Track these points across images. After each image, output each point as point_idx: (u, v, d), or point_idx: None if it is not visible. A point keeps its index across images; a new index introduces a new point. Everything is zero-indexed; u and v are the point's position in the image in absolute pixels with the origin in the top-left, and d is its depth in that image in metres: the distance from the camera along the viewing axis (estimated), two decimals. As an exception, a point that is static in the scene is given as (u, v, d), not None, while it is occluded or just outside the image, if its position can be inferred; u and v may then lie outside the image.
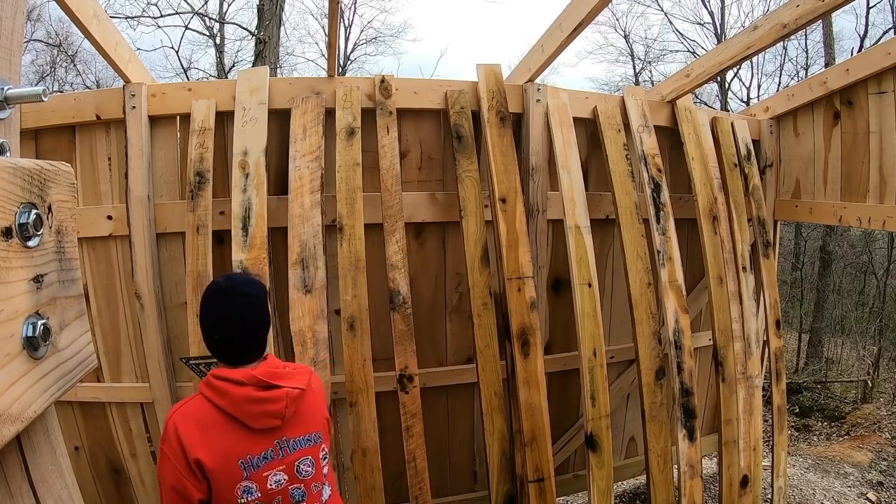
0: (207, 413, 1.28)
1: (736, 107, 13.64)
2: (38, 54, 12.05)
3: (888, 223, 2.56)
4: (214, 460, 1.25)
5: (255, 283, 1.43)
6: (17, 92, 0.60)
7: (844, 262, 11.77)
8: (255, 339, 1.37)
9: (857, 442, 5.80)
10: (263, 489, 1.29)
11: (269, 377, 1.31)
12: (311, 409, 1.40)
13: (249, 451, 1.28)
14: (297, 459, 1.34)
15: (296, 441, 1.35)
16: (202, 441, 1.25)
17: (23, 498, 0.54)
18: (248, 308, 1.35)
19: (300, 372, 1.40)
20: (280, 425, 1.31)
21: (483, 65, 2.54)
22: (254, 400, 1.28)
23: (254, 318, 1.36)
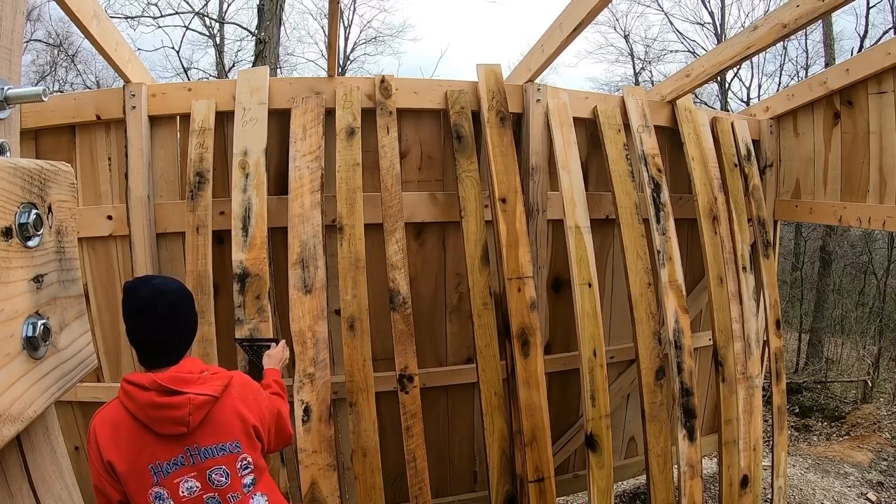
0: (121, 417, 1.27)
1: (736, 107, 13.64)
2: (38, 54, 12.05)
3: (888, 223, 2.56)
4: (124, 463, 1.24)
5: (168, 286, 1.35)
6: (17, 92, 0.60)
7: (844, 262, 11.77)
8: (162, 344, 1.31)
9: (857, 442, 5.80)
10: (175, 496, 1.27)
11: (173, 382, 1.26)
12: (227, 417, 1.32)
13: (158, 457, 1.26)
14: (210, 468, 1.29)
15: (207, 449, 1.30)
16: (114, 444, 1.25)
17: (23, 498, 0.54)
18: (150, 312, 1.30)
19: (215, 378, 1.33)
20: (186, 432, 1.26)
21: (483, 65, 2.54)
22: (156, 405, 1.24)
23: (159, 322, 1.30)
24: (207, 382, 1.31)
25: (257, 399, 1.42)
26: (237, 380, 1.39)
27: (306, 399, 2.08)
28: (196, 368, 1.34)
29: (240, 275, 2.14)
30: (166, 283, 1.37)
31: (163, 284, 1.35)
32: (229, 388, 1.35)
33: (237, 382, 1.38)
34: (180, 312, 1.36)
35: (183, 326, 1.37)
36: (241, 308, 2.12)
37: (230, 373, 1.40)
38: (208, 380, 1.32)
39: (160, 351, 1.32)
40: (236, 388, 1.37)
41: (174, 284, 1.38)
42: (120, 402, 1.28)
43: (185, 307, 1.39)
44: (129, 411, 1.26)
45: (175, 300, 1.35)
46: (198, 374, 1.32)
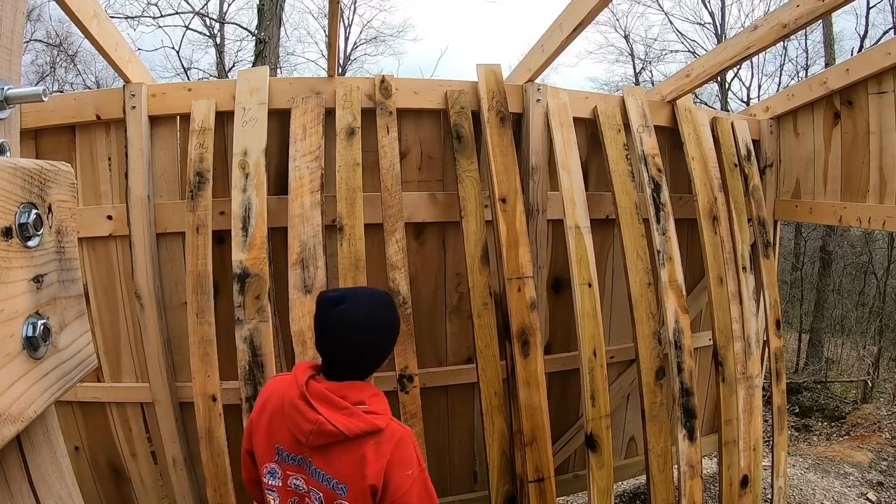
0: (282, 390, 1.29)
1: (736, 107, 13.64)
2: (38, 54, 12.05)
3: (888, 223, 2.56)
4: (261, 431, 1.31)
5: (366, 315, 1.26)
6: (17, 92, 0.60)
7: (844, 262, 11.77)
8: (331, 361, 1.28)
9: (857, 442, 5.80)
10: (284, 481, 1.29)
11: (316, 397, 1.23)
12: (349, 459, 1.22)
13: (284, 444, 1.28)
14: (312, 486, 1.27)
15: (316, 471, 1.25)
16: (261, 412, 1.32)
17: (23, 498, 0.54)
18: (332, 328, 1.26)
19: (362, 418, 1.22)
20: (305, 443, 1.23)
21: (483, 65, 2.54)
22: (294, 407, 1.24)
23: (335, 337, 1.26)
24: (351, 418, 1.22)
25: (397, 466, 1.24)
26: (392, 434, 1.25)
27: (306, 399, 2.08)
28: (355, 397, 1.25)
29: (240, 275, 2.14)
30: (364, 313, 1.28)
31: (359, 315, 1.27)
32: (372, 437, 1.23)
33: (390, 436, 1.25)
34: (378, 340, 1.30)
35: (376, 347, 1.30)
36: (241, 308, 2.12)
37: (392, 423, 1.28)
38: (355, 416, 1.22)
39: (336, 368, 1.29)
40: (382, 440, 1.24)
41: (375, 314, 1.30)
42: (291, 375, 1.29)
43: (388, 333, 1.33)
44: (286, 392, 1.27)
45: (364, 326, 1.27)
46: (350, 403, 1.24)
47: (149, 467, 2.58)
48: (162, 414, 2.40)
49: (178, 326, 2.41)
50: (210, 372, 2.18)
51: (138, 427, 2.53)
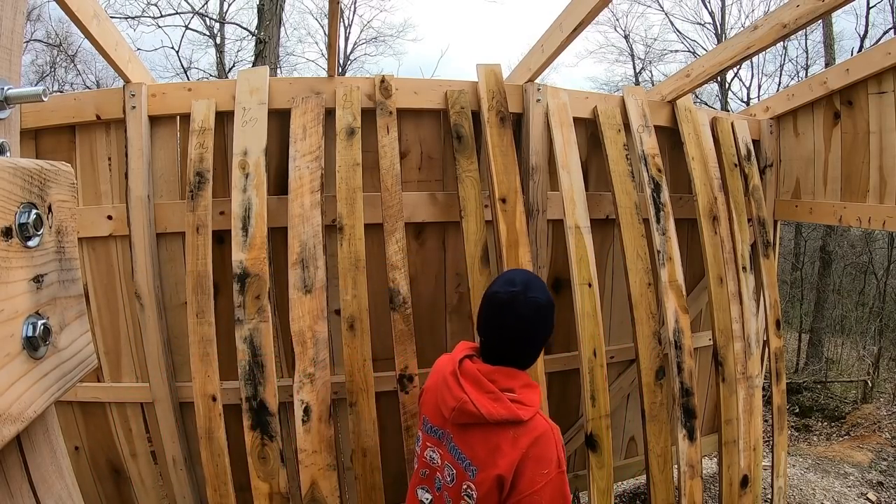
0: (445, 366, 1.38)
1: (736, 107, 13.64)
2: (38, 54, 12.05)
3: (888, 223, 2.56)
4: (425, 398, 1.44)
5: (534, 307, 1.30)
6: (17, 92, 0.60)
7: (844, 262, 11.77)
8: (499, 351, 1.32)
9: (857, 442, 5.80)
10: (423, 450, 1.39)
11: (467, 378, 1.29)
12: (485, 443, 1.24)
13: (431, 417, 1.38)
14: (448, 462, 1.31)
15: (454, 448, 1.30)
16: (430, 379, 1.45)
17: (23, 498, 0.54)
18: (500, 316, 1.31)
19: (506, 407, 1.24)
20: (448, 418, 1.29)
21: (483, 65, 2.54)
22: (444, 382, 1.33)
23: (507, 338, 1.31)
24: (496, 403, 1.25)
25: (532, 463, 1.21)
26: (535, 429, 1.25)
27: (306, 399, 2.08)
28: (505, 383, 1.28)
29: (240, 275, 2.14)
30: (539, 297, 1.32)
31: (537, 298, 1.32)
32: (512, 427, 1.24)
33: (532, 431, 1.24)
34: (537, 331, 1.33)
35: (532, 340, 1.34)
36: (241, 308, 2.12)
37: (538, 418, 1.27)
38: (500, 403, 1.25)
39: (496, 354, 1.33)
40: (522, 432, 1.23)
41: (544, 299, 1.34)
42: (453, 358, 1.37)
43: (545, 325, 1.35)
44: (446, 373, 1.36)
45: (537, 320, 1.32)
46: (498, 388, 1.27)
47: (149, 467, 2.58)
48: (162, 414, 2.40)
49: (178, 326, 2.41)
50: (210, 372, 2.18)
51: (138, 427, 2.53)
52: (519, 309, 1.29)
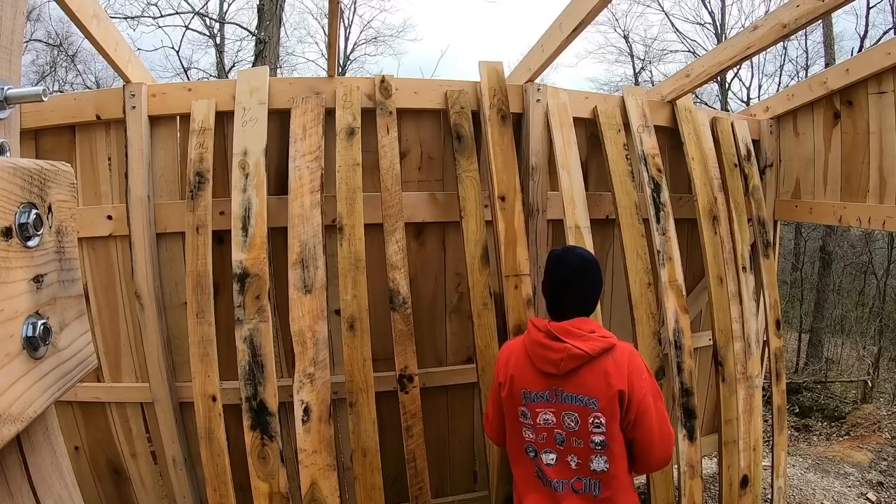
0: (517, 348, 1.64)
1: (736, 107, 13.64)
2: (38, 54, 12.05)
3: (888, 223, 2.55)
4: (506, 383, 1.61)
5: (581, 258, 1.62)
6: (17, 92, 0.60)
7: (844, 262, 11.77)
8: (566, 300, 1.59)
9: (857, 442, 5.80)
10: (534, 419, 1.57)
11: (560, 331, 1.52)
12: (594, 376, 1.50)
13: (531, 386, 1.57)
14: (565, 411, 1.53)
15: (568, 395, 1.52)
16: (505, 367, 1.63)
17: (23, 498, 0.54)
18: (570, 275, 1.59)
19: (598, 340, 1.52)
20: (556, 374, 1.52)
21: (485, 62, 2.54)
22: (541, 345, 1.55)
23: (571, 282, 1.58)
24: (590, 341, 1.51)
25: (634, 374, 1.52)
26: (623, 348, 1.55)
27: (306, 399, 2.08)
28: (587, 327, 1.55)
29: (240, 275, 2.14)
30: (576, 255, 1.64)
31: (575, 258, 1.62)
32: (609, 353, 1.52)
33: (622, 350, 1.54)
34: (588, 281, 1.61)
35: (587, 289, 1.61)
36: (241, 308, 2.12)
37: (619, 342, 1.56)
38: (592, 339, 1.52)
39: (560, 305, 1.60)
40: (617, 354, 1.53)
41: (589, 256, 1.66)
42: (523, 335, 1.64)
43: (592, 277, 1.62)
44: (525, 343, 1.61)
45: (582, 269, 1.60)
46: (586, 331, 1.54)
47: (149, 467, 2.58)
48: (162, 414, 2.40)
49: (178, 326, 2.41)
50: (210, 372, 2.18)
51: (138, 427, 2.53)
52: (571, 258, 1.61)
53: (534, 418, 1.56)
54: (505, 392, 1.61)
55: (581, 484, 1.54)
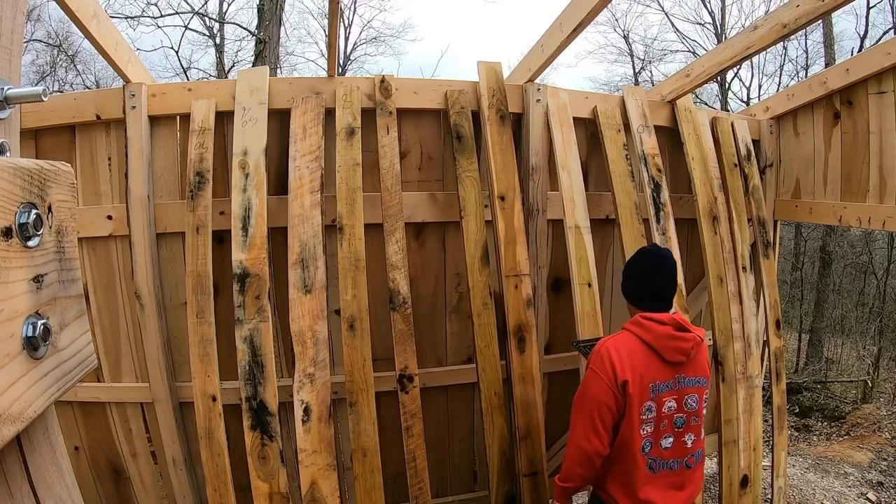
0: (633, 345, 1.66)
1: (736, 107, 13.64)
2: (38, 54, 12.04)
3: (888, 223, 2.55)
4: (635, 381, 1.61)
5: (669, 252, 1.79)
6: (17, 92, 0.60)
7: (844, 262, 11.77)
8: (667, 292, 1.73)
9: (857, 442, 5.80)
10: (659, 410, 1.64)
11: (684, 323, 1.67)
12: (702, 359, 1.72)
13: (658, 378, 1.64)
14: (687, 394, 1.67)
15: (688, 379, 1.67)
16: (628, 366, 1.62)
17: (23, 498, 0.54)
18: (665, 267, 1.72)
19: (698, 329, 1.71)
20: (684, 362, 1.65)
21: (484, 62, 2.54)
22: (672, 336, 1.64)
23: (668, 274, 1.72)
24: (696, 330, 1.70)
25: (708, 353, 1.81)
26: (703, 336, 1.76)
27: (306, 399, 2.08)
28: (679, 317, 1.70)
29: (240, 275, 2.14)
30: (667, 249, 1.82)
31: (666, 251, 1.79)
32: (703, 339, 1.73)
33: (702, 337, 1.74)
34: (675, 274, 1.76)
35: (676, 285, 1.77)
36: (241, 308, 2.12)
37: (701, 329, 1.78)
38: (695, 329, 1.70)
39: (666, 297, 1.73)
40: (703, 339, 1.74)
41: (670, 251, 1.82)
42: (630, 334, 1.68)
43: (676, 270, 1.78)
44: (644, 341, 1.65)
45: (674, 264, 1.76)
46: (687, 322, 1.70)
47: (149, 467, 2.58)
48: (162, 414, 2.40)
49: (178, 326, 2.41)
50: (210, 372, 2.18)
51: (138, 427, 2.53)
52: (662, 252, 1.76)
53: (659, 409, 1.64)
54: (633, 389, 1.60)
55: (693, 459, 1.72)
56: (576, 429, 1.67)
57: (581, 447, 1.65)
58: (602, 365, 1.64)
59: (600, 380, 1.63)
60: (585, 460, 1.66)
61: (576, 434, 1.67)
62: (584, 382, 1.70)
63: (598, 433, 1.64)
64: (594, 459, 1.65)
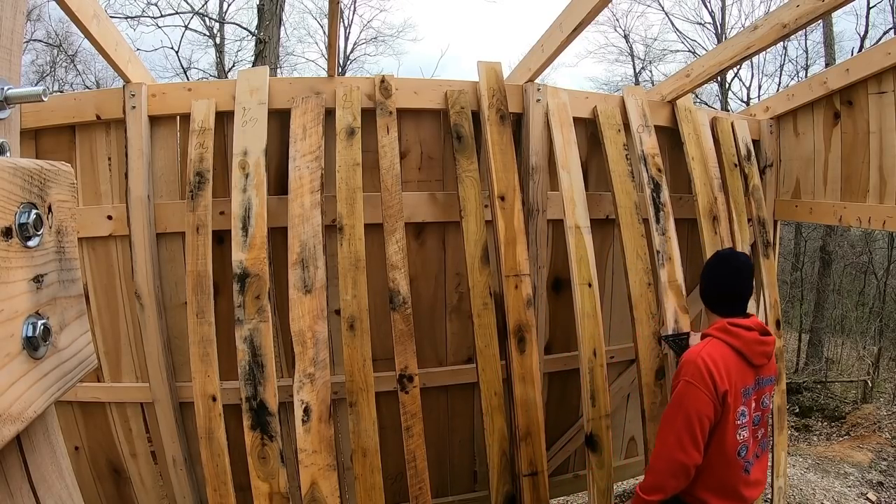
0: (725, 353, 1.70)
1: (736, 107, 13.64)
2: (38, 54, 12.05)
3: (888, 223, 2.55)
4: (732, 389, 1.66)
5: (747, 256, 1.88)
6: (17, 92, 0.60)
7: (844, 262, 11.77)
8: (747, 296, 1.80)
9: (857, 442, 5.80)
10: (749, 413, 1.71)
11: (765, 327, 1.75)
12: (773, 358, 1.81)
13: (747, 382, 1.71)
14: (763, 394, 1.76)
15: (764, 379, 1.76)
16: (725, 375, 1.66)
17: (23, 498, 0.54)
18: (744, 272, 1.80)
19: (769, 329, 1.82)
20: (765, 364, 1.73)
21: (484, 62, 2.54)
22: (759, 342, 1.72)
23: (747, 279, 1.79)
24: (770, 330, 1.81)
25: None
26: None
27: (306, 399, 2.08)
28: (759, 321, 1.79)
29: (240, 275, 2.14)
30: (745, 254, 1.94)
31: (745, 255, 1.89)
32: None
33: None
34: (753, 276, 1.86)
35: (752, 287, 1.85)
36: (241, 308, 2.12)
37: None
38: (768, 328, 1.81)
39: (745, 300, 1.80)
40: None
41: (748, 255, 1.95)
42: (719, 342, 1.72)
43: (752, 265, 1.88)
44: (734, 347, 1.71)
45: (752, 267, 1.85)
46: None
47: (149, 467, 2.58)
48: (162, 414, 2.40)
49: (178, 326, 2.41)
50: (210, 372, 2.18)
51: (138, 427, 2.53)
52: (742, 257, 1.85)
53: (750, 412, 1.71)
54: (731, 398, 1.65)
55: (761, 449, 1.82)
56: (667, 440, 1.68)
57: (677, 459, 1.65)
58: (701, 377, 1.65)
59: (700, 392, 1.64)
60: (681, 471, 1.67)
61: (669, 446, 1.67)
62: (679, 394, 1.69)
63: (696, 444, 1.65)
64: (690, 470, 1.67)
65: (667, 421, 1.70)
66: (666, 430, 1.69)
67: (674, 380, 1.76)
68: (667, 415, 1.71)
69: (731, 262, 1.82)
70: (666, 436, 1.69)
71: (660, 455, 1.70)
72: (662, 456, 1.69)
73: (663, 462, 1.68)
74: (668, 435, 1.68)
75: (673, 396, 1.72)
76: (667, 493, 1.70)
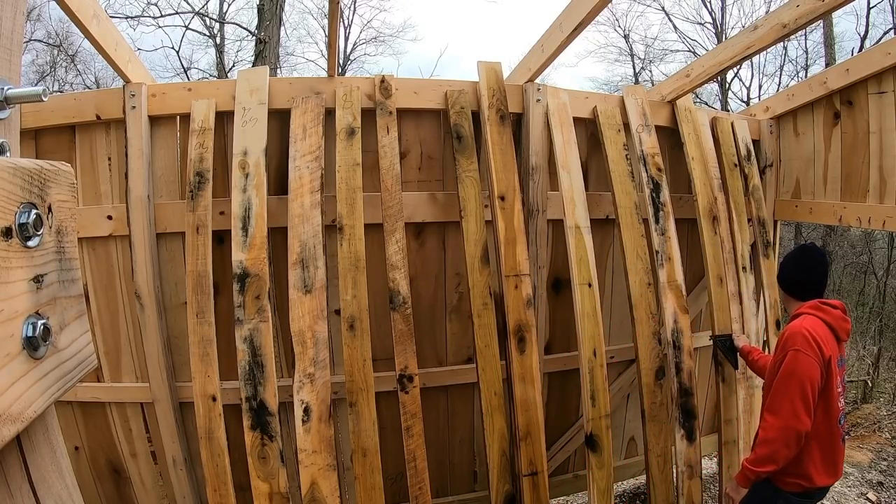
0: (820, 326, 1.86)
1: (736, 107, 13.64)
2: (38, 54, 12.04)
3: (888, 223, 2.56)
4: (830, 359, 1.81)
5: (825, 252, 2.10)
6: (17, 92, 0.60)
7: (844, 262, 11.77)
8: (824, 285, 2.02)
9: (857, 442, 5.79)
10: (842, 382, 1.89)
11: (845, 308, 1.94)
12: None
13: (840, 354, 1.90)
14: (844, 371, 1.93)
15: (843, 358, 1.93)
16: (826, 344, 1.81)
17: (23, 498, 0.54)
18: (825, 265, 2.02)
19: None
20: (846, 339, 1.91)
21: (484, 62, 2.54)
22: (843, 319, 1.91)
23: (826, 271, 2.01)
24: None
25: None
26: None
27: (306, 399, 2.08)
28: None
29: (240, 275, 2.14)
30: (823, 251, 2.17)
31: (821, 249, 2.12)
32: None
33: None
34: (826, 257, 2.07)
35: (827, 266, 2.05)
36: (241, 308, 2.13)
37: None
38: None
39: (822, 288, 2.01)
40: None
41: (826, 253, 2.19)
42: (815, 318, 1.89)
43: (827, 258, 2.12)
44: (826, 322, 1.88)
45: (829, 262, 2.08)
46: None
47: (149, 467, 2.58)
48: (162, 414, 2.40)
49: (178, 326, 2.41)
50: (210, 372, 2.18)
51: (138, 427, 2.53)
52: (820, 251, 2.07)
53: (842, 381, 1.88)
54: (833, 365, 1.81)
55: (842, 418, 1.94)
56: (782, 409, 1.79)
57: (791, 426, 1.76)
58: (809, 345, 1.79)
59: (809, 358, 1.78)
60: (795, 439, 1.77)
61: (783, 414, 1.78)
62: (788, 363, 1.81)
63: (808, 410, 1.77)
64: (802, 438, 1.78)
65: (778, 391, 1.80)
66: (779, 400, 1.79)
67: (776, 354, 1.90)
68: (778, 386, 1.81)
69: (814, 255, 2.03)
70: (780, 405, 1.79)
71: (772, 426, 1.80)
72: (775, 426, 1.79)
73: (776, 431, 1.79)
74: (781, 404, 1.79)
75: (783, 367, 1.82)
76: (778, 464, 1.80)
